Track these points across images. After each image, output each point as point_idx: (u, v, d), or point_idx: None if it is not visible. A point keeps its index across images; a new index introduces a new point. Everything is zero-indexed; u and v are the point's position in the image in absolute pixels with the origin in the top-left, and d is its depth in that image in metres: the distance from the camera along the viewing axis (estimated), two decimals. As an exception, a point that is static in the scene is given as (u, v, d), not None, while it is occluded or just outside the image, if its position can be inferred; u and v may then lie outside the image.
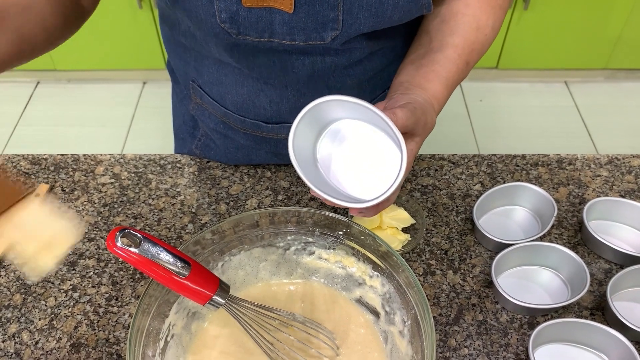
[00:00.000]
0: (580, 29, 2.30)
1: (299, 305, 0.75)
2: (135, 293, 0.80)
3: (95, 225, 0.88)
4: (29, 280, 0.81)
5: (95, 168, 0.96)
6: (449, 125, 2.32)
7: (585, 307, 0.79)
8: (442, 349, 0.74)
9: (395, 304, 0.71)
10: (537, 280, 0.82)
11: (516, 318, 0.77)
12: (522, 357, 0.74)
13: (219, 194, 0.92)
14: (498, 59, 2.43)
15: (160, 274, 0.60)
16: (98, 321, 0.77)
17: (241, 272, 0.76)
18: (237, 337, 0.72)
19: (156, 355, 0.67)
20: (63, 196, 0.92)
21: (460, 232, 0.87)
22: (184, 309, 0.72)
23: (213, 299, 0.63)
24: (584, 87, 2.52)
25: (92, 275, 0.82)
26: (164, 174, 0.95)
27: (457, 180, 0.94)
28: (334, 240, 0.75)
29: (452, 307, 0.78)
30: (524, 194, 0.88)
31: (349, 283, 0.76)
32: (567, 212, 0.90)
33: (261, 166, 0.96)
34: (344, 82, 0.79)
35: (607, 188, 0.93)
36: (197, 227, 0.88)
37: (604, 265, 0.83)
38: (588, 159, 0.98)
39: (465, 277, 0.82)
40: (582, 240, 0.86)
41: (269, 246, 0.76)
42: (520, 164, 0.97)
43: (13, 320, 0.77)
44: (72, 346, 0.75)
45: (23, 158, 0.98)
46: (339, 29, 0.70)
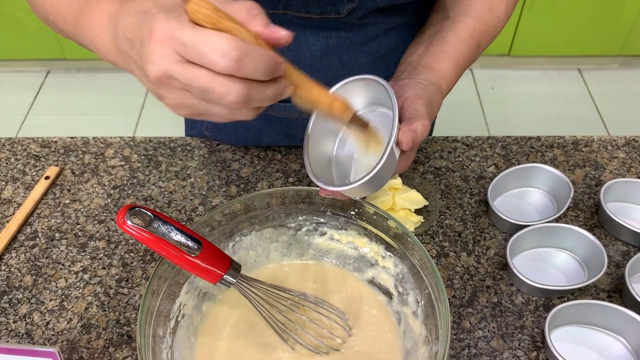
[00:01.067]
0: (594, 15, 2.26)
1: (311, 285, 0.74)
2: (145, 274, 0.79)
3: (105, 208, 0.87)
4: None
5: (105, 151, 0.95)
6: (461, 113, 2.30)
7: (602, 290, 0.77)
8: (456, 331, 0.73)
9: (409, 285, 0.70)
10: (552, 262, 0.80)
11: (532, 300, 0.76)
12: (537, 340, 0.72)
13: (230, 176, 0.91)
14: (510, 46, 2.40)
15: (171, 253, 0.60)
16: (108, 302, 0.77)
17: (252, 253, 0.75)
18: (248, 317, 0.71)
19: (167, 335, 0.66)
20: (73, 179, 0.91)
21: (474, 214, 0.86)
22: (195, 289, 0.71)
23: (224, 278, 0.63)
24: (597, 74, 2.49)
25: (103, 257, 0.81)
26: (174, 156, 0.94)
27: (470, 162, 0.93)
28: (346, 221, 0.74)
29: (466, 289, 0.77)
30: (539, 176, 0.87)
31: (361, 264, 0.75)
32: (584, 194, 0.88)
33: (272, 148, 0.95)
34: (357, 59, 0.78)
35: (624, 170, 0.91)
36: (208, 209, 0.87)
37: (621, 247, 0.82)
38: (605, 140, 0.96)
39: (480, 259, 0.80)
40: (599, 222, 0.84)
41: (280, 227, 0.75)
42: (535, 146, 0.95)
43: (24, 302, 0.77)
44: (82, 327, 0.74)
45: (33, 141, 0.97)
46: (356, 2, 0.69)
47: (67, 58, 2.46)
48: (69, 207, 0.87)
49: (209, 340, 0.70)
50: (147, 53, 0.44)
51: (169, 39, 0.42)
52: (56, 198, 0.89)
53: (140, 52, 0.45)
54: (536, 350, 0.71)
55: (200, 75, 0.42)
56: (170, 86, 0.44)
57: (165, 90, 0.45)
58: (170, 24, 0.42)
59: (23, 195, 0.89)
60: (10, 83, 2.52)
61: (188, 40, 0.42)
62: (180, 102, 0.46)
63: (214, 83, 0.42)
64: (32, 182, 0.91)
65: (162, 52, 0.43)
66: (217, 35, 0.41)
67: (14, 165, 0.93)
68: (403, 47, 0.82)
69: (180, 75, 0.43)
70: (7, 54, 2.49)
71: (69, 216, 0.86)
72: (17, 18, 2.30)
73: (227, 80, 0.42)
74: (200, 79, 0.42)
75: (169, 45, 0.42)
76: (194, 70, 0.42)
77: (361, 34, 0.75)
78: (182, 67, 0.42)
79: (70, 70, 2.56)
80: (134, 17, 0.47)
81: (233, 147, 0.95)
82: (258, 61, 0.42)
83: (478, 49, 0.73)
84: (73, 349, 0.72)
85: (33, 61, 2.53)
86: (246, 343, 0.69)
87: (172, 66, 0.43)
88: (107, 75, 2.53)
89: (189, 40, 0.42)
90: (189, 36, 0.42)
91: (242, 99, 0.43)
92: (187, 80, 0.43)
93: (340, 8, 0.70)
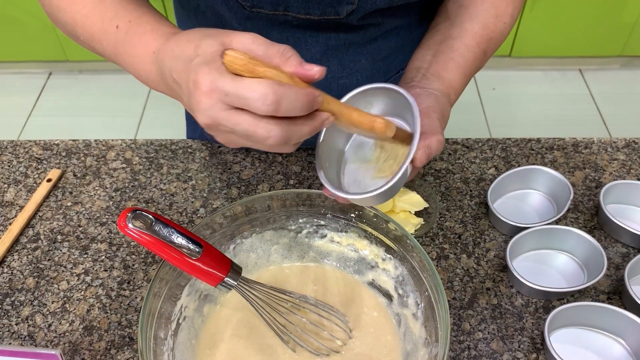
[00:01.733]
0: (595, 15, 2.26)
1: (311, 288, 0.74)
2: (147, 277, 0.80)
3: (107, 210, 0.88)
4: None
5: (107, 153, 0.96)
6: (462, 114, 2.30)
7: (602, 291, 0.78)
8: (455, 333, 0.73)
9: (409, 287, 0.70)
10: (552, 264, 0.81)
11: (531, 302, 0.76)
12: (537, 342, 0.73)
13: (231, 178, 0.92)
14: (511, 46, 2.40)
15: (172, 255, 0.60)
16: (110, 304, 0.77)
17: (253, 255, 0.76)
18: (249, 319, 0.72)
19: (168, 338, 0.66)
20: (75, 181, 0.92)
21: (474, 216, 0.86)
22: (196, 292, 0.71)
23: (225, 281, 0.63)
24: (599, 75, 2.49)
25: (104, 259, 0.82)
26: (175, 158, 0.95)
27: (470, 164, 0.93)
28: (346, 223, 0.74)
29: (466, 291, 0.78)
30: (539, 178, 0.87)
31: (362, 266, 0.75)
32: (583, 195, 0.88)
33: (272, 151, 0.95)
34: (357, 61, 0.78)
35: (624, 172, 0.91)
36: (209, 211, 0.87)
37: (621, 249, 0.82)
38: (605, 142, 0.96)
39: (480, 261, 0.81)
40: (599, 224, 0.85)
41: (281, 229, 0.76)
42: (535, 148, 0.95)
43: (26, 304, 0.77)
44: (84, 329, 0.75)
45: (35, 144, 0.98)
46: (355, 4, 0.69)
47: (69, 60, 2.46)
48: (71, 209, 0.88)
49: (210, 343, 0.70)
50: (195, 104, 0.48)
51: (213, 91, 0.46)
52: (58, 200, 0.89)
53: (189, 100, 0.50)
54: (536, 352, 0.72)
55: (243, 121, 0.47)
56: (218, 130, 0.49)
57: (215, 132, 0.50)
58: (212, 77, 0.46)
59: (25, 197, 0.89)
60: (12, 85, 2.53)
61: (230, 89, 0.46)
62: (228, 140, 0.51)
63: (255, 127, 0.47)
64: (34, 184, 0.91)
65: (208, 103, 0.47)
66: (255, 82, 0.45)
67: (16, 167, 0.94)
68: (403, 50, 0.82)
69: (225, 121, 0.47)
70: (9, 56, 2.50)
71: (70, 219, 0.87)
72: (19, 20, 2.31)
73: (267, 124, 0.47)
74: (243, 125, 0.47)
75: (214, 96, 0.47)
76: (238, 117, 0.47)
77: (361, 35, 0.75)
78: (227, 114, 0.47)
79: (72, 72, 2.56)
80: (179, 61, 0.51)
81: (234, 149, 0.96)
82: (294, 100, 0.46)
83: (484, 56, 0.73)
84: (75, 351, 0.72)
85: (35, 63, 2.53)
86: (247, 345, 0.70)
87: (218, 114, 0.47)
88: (109, 77, 2.53)
89: (231, 90, 0.46)
90: (229, 86, 0.46)
91: (281, 140, 0.47)
92: (232, 125, 0.47)
93: (340, 9, 0.70)
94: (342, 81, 0.81)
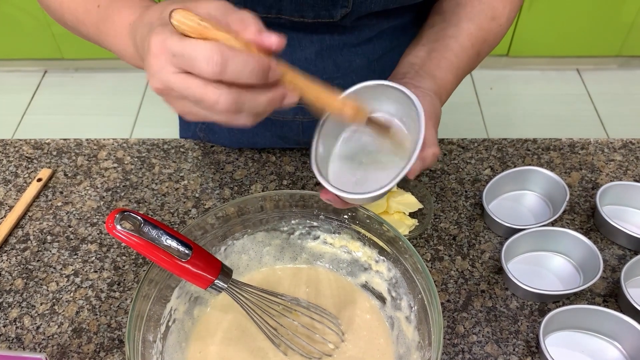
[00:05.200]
0: (593, 15, 2.26)
1: (304, 290, 0.74)
2: (137, 278, 0.79)
3: (97, 210, 0.87)
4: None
5: (98, 153, 0.95)
6: (459, 114, 2.29)
7: (598, 294, 0.77)
8: (450, 336, 0.73)
9: (402, 290, 0.69)
10: (548, 266, 0.80)
11: (526, 305, 0.76)
12: (532, 345, 0.72)
13: (223, 178, 0.91)
14: (509, 46, 2.39)
15: (161, 257, 0.59)
16: (100, 306, 0.76)
17: (245, 257, 0.75)
18: (240, 322, 0.71)
19: (157, 341, 0.65)
20: (65, 181, 0.91)
21: (469, 217, 0.85)
22: (186, 294, 0.70)
23: (215, 283, 0.62)
24: (596, 75, 2.48)
25: (94, 260, 0.81)
26: (167, 158, 0.94)
27: (466, 164, 0.92)
28: (339, 225, 0.73)
29: (460, 293, 0.77)
30: (535, 179, 0.86)
31: (355, 268, 0.74)
32: (580, 197, 0.87)
33: (266, 150, 0.94)
34: (352, 61, 0.78)
35: (620, 173, 0.91)
36: (201, 211, 0.86)
37: (617, 251, 0.81)
38: (601, 143, 0.95)
39: (474, 262, 0.80)
40: (595, 225, 0.84)
41: (273, 230, 0.75)
42: (532, 149, 0.94)
43: (14, 305, 0.76)
44: (73, 331, 0.73)
45: (25, 143, 0.97)
46: (349, 7, 0.68)
47: (65, 58, 2.45)
48: (61, 209, 0.87)
49: (200, 346, 0.69)
50: (147, 67, 0.47)
51: (162, 52, 0.45)
52: (48, 200, 0.88)
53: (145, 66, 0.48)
54: (530, 356, 0.71)
55: (192, 84, 0.45)
56: (171, 96, 0.47)
57: (169, 100, 0.48)
58: (163, 37, 0.45)
59: (15, 197, 0.88)
60: (7, 83, 2.51)
61: (176, 49, 0.44)
62: (183, 109, 0.48)
63: (204, 91, 0.44)
64: (24, 184, 0.90)
65: (158, 65, 0.45)
66: (201, 42, 0.43)
67: (5, 167, 0.93)
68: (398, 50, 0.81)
69: (176, 85, 0.45)
70: (4, 54, 2.48)
71: (60, 219, 0.85)
72: (15, 17, 2.30)
73: (217, 88, 0.44)
74: (192, 88, 0.45)
75: (162, 57, 0.45)
76: (188, 81, 0.45)
77: (355, 36, 0.74)
78: (177, 77, 0.45)
79: (67, 70, 2.55)
80: (145, 28, 0.50)
81: (227, 149, 0.95)
82: (243, 64, 0.43)
83: (477, 57, 0.73)
84: (63, 353, 0.71)
85: (30, 61, 2.52)
86: (238, 348, 0.69)
87: (169, 77, 0.45)
88: (105, 75, 2.52)
89: (177, 49, 0.44)
90: (176, 46, 0.44)
91: (231, 106, 0.45)
92: (182, 89, 0.45)
93: (334, 12, 0.69)
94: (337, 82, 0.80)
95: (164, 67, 0.45)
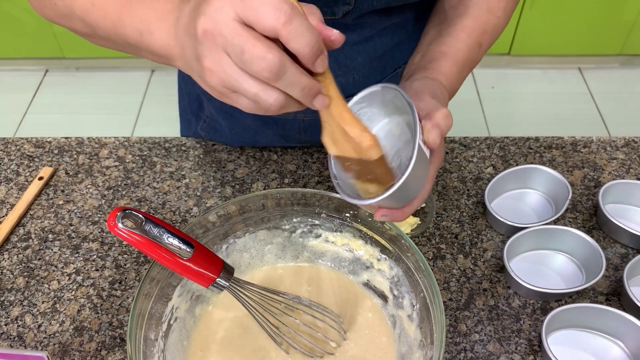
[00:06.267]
0: (595, 14, 2.25)
1: (305, 288, 0.73)
2: (138, 277, 0.78)
3: (99, 209, 0.86)
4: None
5: (100, 151, 0.95)
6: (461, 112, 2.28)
7: (601, 293, 0.76)
8: (452, 334, 0.72)
9: (404, 288, 0.69)
10: (550, 265, 0.80)
11: (529, 303, 0.75)
12: (534, 343, 0.72)
13: (225, 177, 0.90)
14: (510, 45, 2.39)
15: (163, 256, 0.59)
16: (101, 305, 0.76)
17: (246, 255, 0.75)
18: (241, 320, 0.70)
19: (159, 339, 0.65)
20: (67, 179, 0.90)
21: (472, 215, 0.85)
22: (188, 292, 0.70)
23: (216, 282, 0.62)
24: (598, 74, 2.48)
25: (96, 259, 0.80)
26: (168, 157, 0.93)
27: (468, 163, 0.92)
28: (341, 223, 0.73)
29: (462, 291, 0.76)
30: (537, 177, 0.86)
31: (356, 266, 0.74)
32: (582, 195, 0.87)
33: (267, 149, 0.94)
34: (354, 59, 0.77)
35: (623, 171, 0.90)
36: (202, 210, 0.86)
37: (620, 249, 0.81)
38: (604, 141, 0.95)
39: (477, 261, 0.80)
40: (598, 224, 0.83)
41: (275, 229, 0.74)
42: (534, 147, 0.94)
43: (16, 304, 0.76)
44: (75, 329, 0.73)
45: (27, 141, 0.97)
46: (352, 4, 0.68)
47: (66, 57, 2.45)
48: (63, 208, 0.87)
49: (201, 344, 0.69)
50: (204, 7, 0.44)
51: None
52: (50, 199, 0.88)
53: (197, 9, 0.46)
54: (533, 354, 0.71)
55: (244, 34, 0.43)
56: (214, 43, 0.44)
57: (207, 48, 0.45)
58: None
59: (16, 196, 0.88)
60: (8, 82, 2.51)
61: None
62: (216, 63, 0.45)
63: (253, 44, 0.43)
64: (25, 182, 0.90)
65: (218, 5, 0.43)
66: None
67: (7, 165, 0.93)
68: (400, 47, 0.81)
69: (227, 30, 0.43)
70: (5, 53, 2.48)
71: (62, 217, 0.85)
72: (16, 17, 2.30)
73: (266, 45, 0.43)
74: (242, 38, 0.43)
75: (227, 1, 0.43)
76: (240, 29, 0.43)
77: (357, 33, 0.74)
78: (233, 23, 0.43)
79: (69, 69, 2.55)
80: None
81: (228, 147, 0.95)
82: (306, 27, 0.43)
83: (479, 48, 0.72)
84: (65, 352, 0.71)
85: (31, 60, 2.52)
86: (239, 347, 0.69)
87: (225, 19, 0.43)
88: (106, 74, 2.52)
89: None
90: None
91: (274, 68, 0.43)
92: (231, 36, 0.43)
93: (336, 10, 0.69)
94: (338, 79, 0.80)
95: (224, 8, 0.43)
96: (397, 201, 0.54)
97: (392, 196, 0.51)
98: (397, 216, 0.55)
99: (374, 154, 0.50)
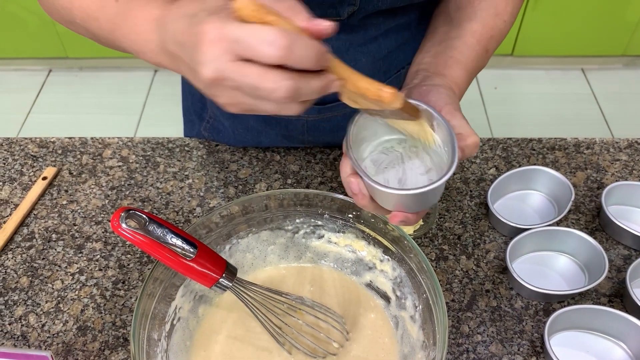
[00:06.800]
0: (598, 14, 2.25)
1: (308, 289, 0.74)
2: (142, 277, 0.79)
3: (102, 209, 0.87)
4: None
5: (103, 151, 0.95)
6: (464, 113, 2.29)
7: (603, 294, 0.76)
8: (454, 335, 0.72)
9: (407, 289, 0.69)
10: (553, 266, 0.80)
11: (531, 304, 0.75)
12: (537, 345, 0.72)
13: (228, 177, 0.91)
14: (513, 45, 2.39)
15: (166, 256, 0.59)
16: (105, 304, 0.76)
17: (249, 256, 0.75)
18: (244, 320, 0.71)
19: (162, 339, 0.66)
20: (70, 179, 0.91)
21: (474, 216, 0.85)
22: (191, 292, 0.70)
23: (220, 282, 0.62)
24: (601, 75, 2.47)
25: (99, 259, 0.81)
26: (172, 157, 0.94)
27: (471, 164, 0.92)
28: (344, 224, 0.73)
29: (465, 292, 0.77)
30: (540, 178, 0.86)
31: (359, 267, 0.74)
32: (585, 196, 0.87)
33: (270, 149, 0.94)
34: (358, 60, 0.77)
35: (626, 172, 0.90)
36: (205, 210, 0.86)
37: (622, 251, 0.81)
38: (607, 142, 0.95)
39: (479, 262, 0.80)
40: (601, 225, 0.83)
41: (278, 229, 0.75)
42: (537, 148, 0.94)
43: (20, 303, 0.76)
44: (78, 329, 0.74)
45: (31, 141, 0.97)
46: (357, 5, 0.68)
47: (69, 57, 2.45)
48: (66, 208, 0.87)
49: (204, 344, 0.69)
50: (199, 56, 0.45)
51: (220, 38, 0.43)
52: (53, 199, 0.88)
53: (192, 55, 0.46)
54: (535, 356, 0.71)
55: (250, 72, 0.43)
56: (223, 86, 0.45)
57: (218, 90, 0.46)
58: (220, 24, 0.43)
59: (20, 195, 0.88)
60: (12, 82, 2.52)
61: (238, 34, 0.43)
62: (231, 100, 0.47)
63: (263, 79, 0.43)
64: (29, 182, 0.90)
65: (214, 53, 0.44)
66: (265, 27, 0.42)
67: (11, 165, 0.93)
68: (404, 48, 0.81)
69: (233, 74, 0.44)
70: (9, 53, 2.49)
71: (65, 217, 0.86)
72: (20, 17, 2.30)
73: (276, 76, 0.43)
74: (250, 76, 0.43)
75: (220, 45, 0.43)
76: (245, 68, 0.43)
77: (361, 35, 0.74)
78: (234, 65, 0.44)
79: (72, 69, 2.55)
80: (183, 20, 0.48)
81: (232, 148, 0.95)
82: (306, 48, 0.43)
83: (486, 54, 0.72)
84: (68, 351, 0.72)
85: (35, 60, 2.52)
86: (242, 347, 0.69)
87: (224, 65, 0.44)
88: (109, 74, 2.52)
89: (239, 35, 0.43)
90: (238, 31, 0.43)
91: (290, 94, 0.44)
92: (238, 78, 0.44)
93: (341, 11, 0.69)
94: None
95: (221, 54, 0.43)
96: (421, 203, 0.56)
97: (424, 194, 0.53)
98: (412, 221, 0.57)
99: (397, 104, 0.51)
